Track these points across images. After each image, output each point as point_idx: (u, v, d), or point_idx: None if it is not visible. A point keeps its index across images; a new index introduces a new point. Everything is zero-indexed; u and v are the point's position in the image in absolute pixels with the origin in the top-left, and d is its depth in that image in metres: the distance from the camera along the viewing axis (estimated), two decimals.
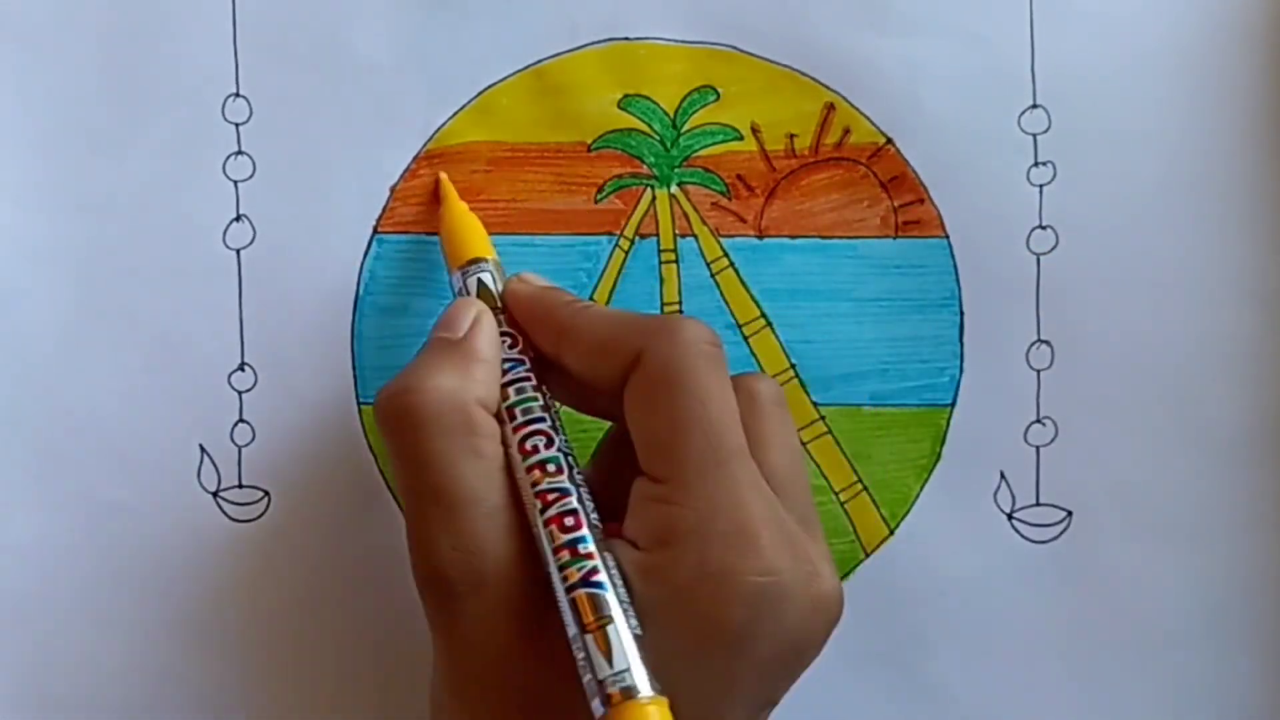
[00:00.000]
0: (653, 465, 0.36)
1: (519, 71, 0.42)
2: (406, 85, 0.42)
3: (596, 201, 0.43)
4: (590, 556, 0.34)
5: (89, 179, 0.42)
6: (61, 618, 0.42)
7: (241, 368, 0.42)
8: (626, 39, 0.43)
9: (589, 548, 0.34)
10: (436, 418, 0.35)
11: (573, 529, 0.34)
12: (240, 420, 0.42)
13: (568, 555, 0.34)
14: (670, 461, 0.35)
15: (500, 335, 0.38)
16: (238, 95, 0.42)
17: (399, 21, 0.42)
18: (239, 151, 0.42)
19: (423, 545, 0.35)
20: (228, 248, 0.42)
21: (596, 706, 0.32)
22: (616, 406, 0.37)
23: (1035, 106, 0.43)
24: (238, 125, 0.42)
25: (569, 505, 0.35)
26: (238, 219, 0.42)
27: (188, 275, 0.42)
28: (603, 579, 0.34)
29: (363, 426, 0.42)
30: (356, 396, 0.42)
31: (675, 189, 0.43)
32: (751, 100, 0.43)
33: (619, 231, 0.43)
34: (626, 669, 0.32)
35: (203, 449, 0.42)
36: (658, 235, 0.43)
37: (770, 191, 0.43)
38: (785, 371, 0.43)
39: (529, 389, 0.37)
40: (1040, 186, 0.43)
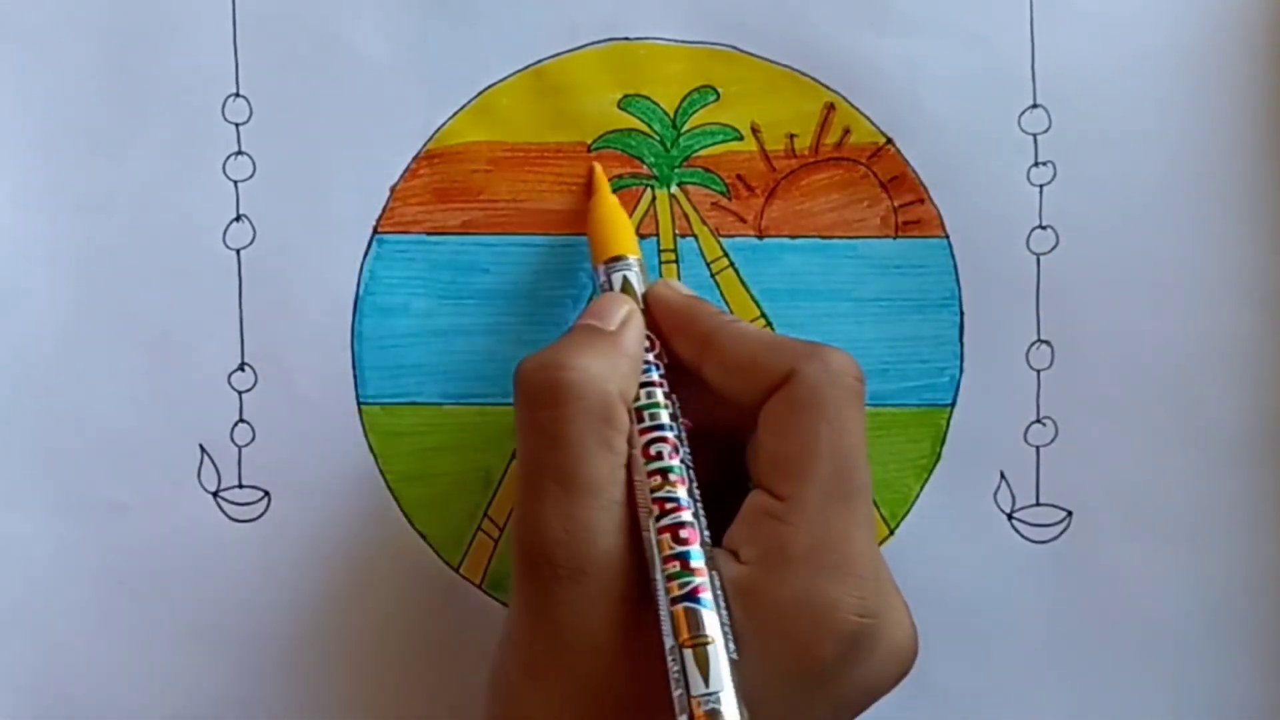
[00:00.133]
0: (776, 482, 0.36)
1: (519, 71, 0.42)
2: (406, 85, 0.42)
3: None
4: (699, 573, 0.34)
5: (89, 179, 0.42)
6: (61, 618, 0.42)
7: (241, 368, 0.42)
8: (626, 39, 0.43)
9: (699, 563, 0.34)
10: (580, 399, 0.36)
11: (686, 541, 0.35)
12: (240, 420, 0.42)
13: (677, 566, 0.34)
14: (796, 483, 0.36)
15: None
16: (238, 95, 0.42)
17: (399, 21, 0.42)
18: (239, 151, 0.42)
19: (533, 521, 0.35)
20: (228, 248, 0.42)
21: None
22: (739, 421, 0.38)
23: (1035, 106, 0.43)
24: (238, 125, 0.42)
25: (685, 517, 0.35)
26: (238, 219, 0.42)
27: (188, 275, 0.42)
28: (708, 598, 0.34)
29: (362, 426, 0.42)
30: (356, 396, 0.42)
31: (675, 189, 0.43)
32: (751, 100, 0.43)
33: None
34: (719, 692, 0.33)
35: (203, 449, 0.42)
36: (658, 235, 0.43)
37: (770, 191, 0.43)
38: None
39: (659, 395, 0.37)
40: (1040, 186, 0.43)
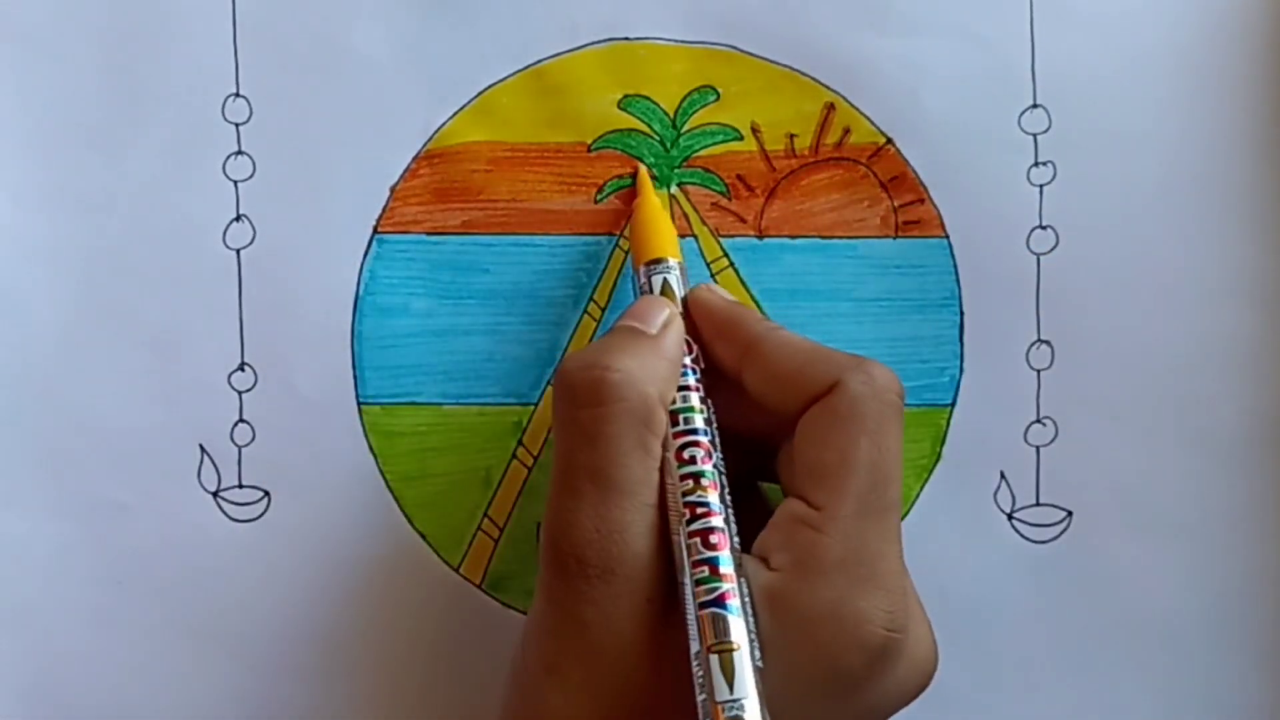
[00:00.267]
0: (812, 491, 0.36)
1: (519, 71, 0.42)
2: (406, 85, 0.42)
3: (596, 201, 0.43)
4: (728, 579, 0.34)
5: (89, 179, 0.42)
6: (61, 618, 0.42)
7: (241, 368, 0.42)
8: (626, 39, 0.43)
9: (728, 569, 0.35)
10: (621, 400, 0.36)
11: (715, 547, 0.35)
12: (240, 420, 0.42)
13: (706, 571, 0.34)
14: (833, 493, 0.36)
15: None
16: (238, 95, 0.42)
17: (399, 21, 0.42)
18: (239, 151, 0.42)
19: (565, 519, 0.35)
20: (228, 248, 0.42)
21: None
22: (770, 427, 0.38)
23: (1035, 106, 0.43)
24: (238, 125, 0.42)
25: (715, 522, 0.35)
26: (238, 219, 0.42)
27: (188, 275, 0.42)
28: (736, 604, 0.34)
29: (363, 426, 0.42)
30: (356, 396, 0.42)
31: (675, 189, 0.43)
32: (751, 100, 0.43)
33: (619, 232, 0.43)
34: (744, 699, 0.33)
35: (203, 449, 0.42)
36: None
37: (770, 191, 0.43)
38: None
39: (695, 399, 0.37)
40: (1040, 186, 0.43)
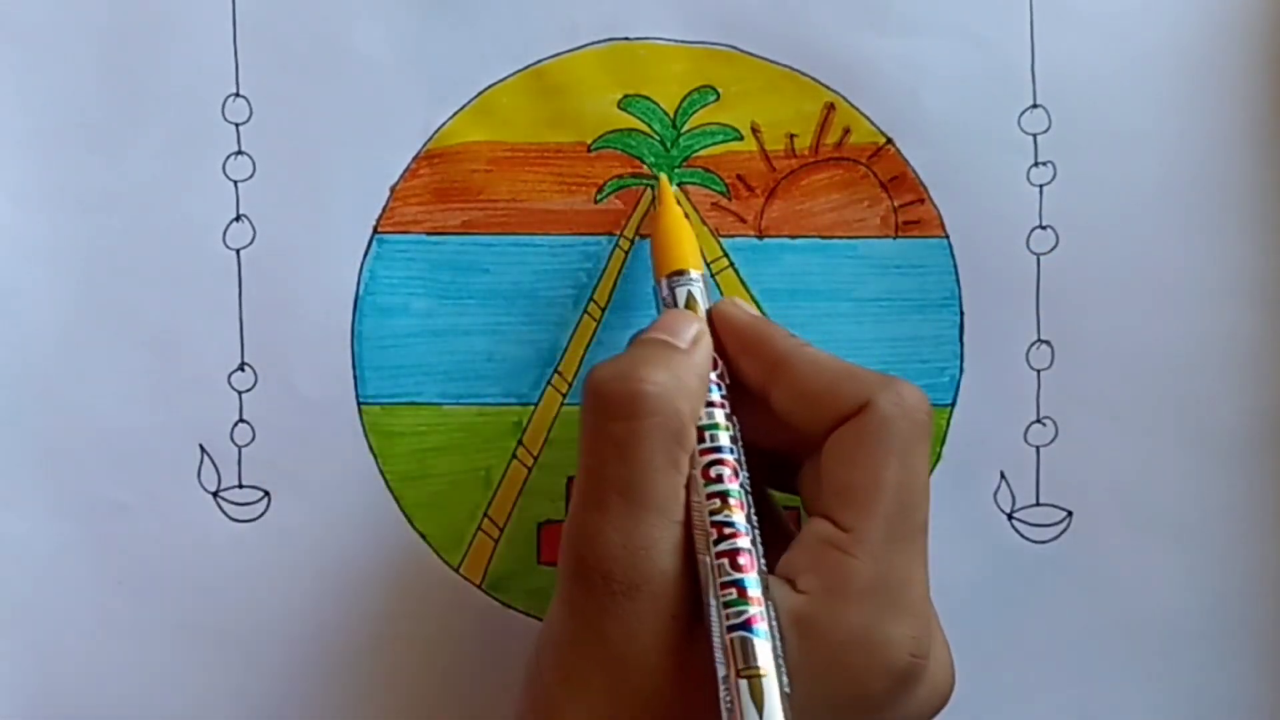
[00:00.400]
0: (840, 512, 0.36)
1: (519, 71, 0.42)
2: (406, 85, 0.42)
3: (596, 201, 0.43)
4: (756, 602, 0.34)
5: (89, 179, 0.42)
6: (61, 618, 0.42)
7: (241, 368, 0.42)
8: (626, 39, 0.43)
9: (755, 592, 0.34)
10: (655, 415, 0.35)
11: (743, 569, 0.34)
12: (240, 420, 0.42)
13: (734, 593, 0.34)
14: (862, 515, 0.36)
15: None
16: (238, 95, 0.42)
17: (399, 21, 0.42)
18: (239, 151, 0.42)
19: (592, 533, 0.35)
20: (228, 248, 0.42)
21: None
22: (793, 444, 0.38)
23: (1035, 106, 0.43)
24: (238, 125, 0.42)
25: (743, 544, 0.35)
26: (238, 219, 0.42)
27: (188, 275, 0.42)
28: (764, 628, 0.34)
29: (363, 426, 0.42)
30: (356, 396, 0.42)
31: (675, 189, 0.43)
32: (751, 100, 0.43)
33: (619, 231, 0.43)
34: None
35: (203, 449, 0.42)
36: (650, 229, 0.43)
37: (770, 191, 0.43)
38: None
39: (720, 416, 0.37)
40: (1040, 186, 0.43)
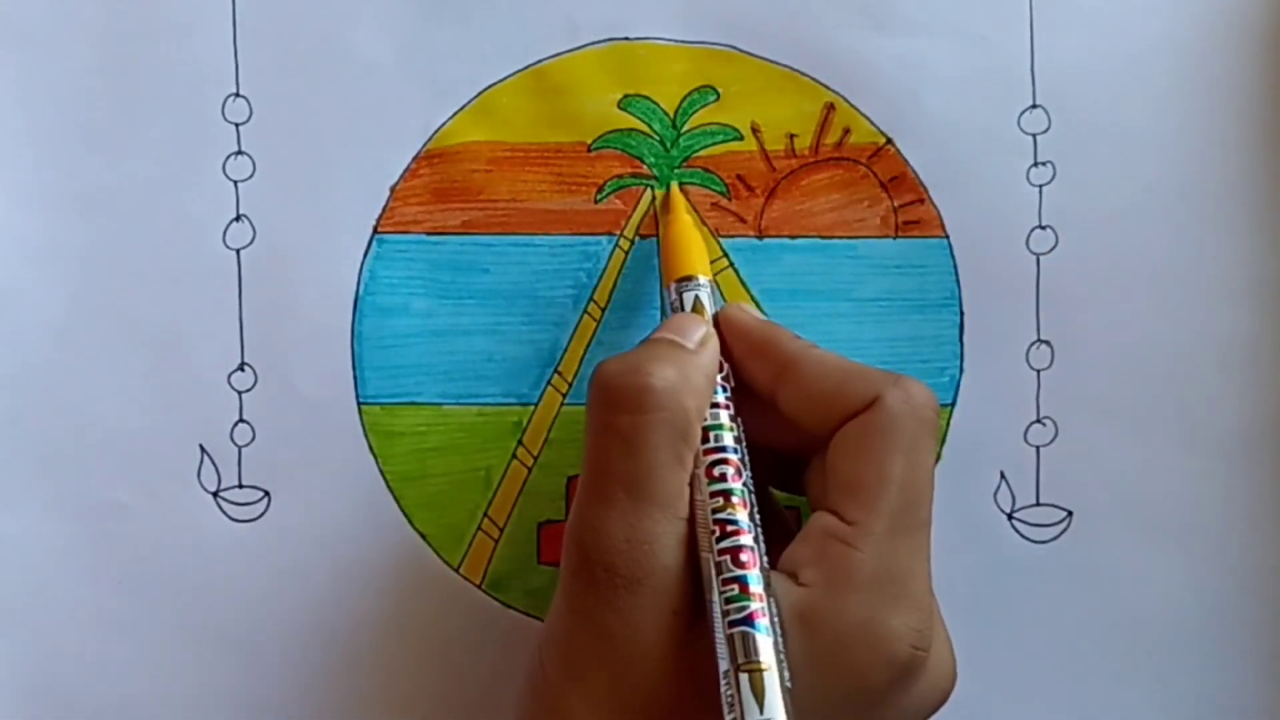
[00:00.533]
0: (844, 506, 0.36)
1: (519, 71, 0.42)
2: (406, 85, 0.42)
3: (596, 201, 0.43)
4: (758, 597, 0.34)
5: (89, 179, 0.42)
6: (61, 618, 0.42)
7: (241, 368, 0.42)
8: (626, 39, 0.43)
9: (758, 588, 0.34)
10: (663, 410, 0.35)
11: (745, 565, 0.35)
12: (240, 420, 0.42)
13: (736, 589, 0.34)
14: (866, 509, 0.36)
15: None
16: (238, 95, 0.42)
17: (399, 22, 0.42)
18: (239, 151, 0.42)
19: (596, 526, 0.35)
20: (228, 248, 0.42)
21: None
22: (797, 443, 0.38)
23: (1035, 106, 0.43)
24: (238, 125, 0.42)
25: (745, 541, 0.35)
26: (238, 219, 0.42)
27: (188, 275, 0.42)
28: (765, 623, 0.34)
29: (362, 426, 0.42)
30: (356, 396, 0.42)
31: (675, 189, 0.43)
32: (751, 100, 0.43)
33: (619, 231, 0.43)
34: (774, 719, 0.33)
35: (203, 449, 0.42)
36: (658, 235, 0.43)
37: (770, 191, 0.43)
38: None
39: (724, 416, 0.37)
40: (1040, 186, 0.43)
